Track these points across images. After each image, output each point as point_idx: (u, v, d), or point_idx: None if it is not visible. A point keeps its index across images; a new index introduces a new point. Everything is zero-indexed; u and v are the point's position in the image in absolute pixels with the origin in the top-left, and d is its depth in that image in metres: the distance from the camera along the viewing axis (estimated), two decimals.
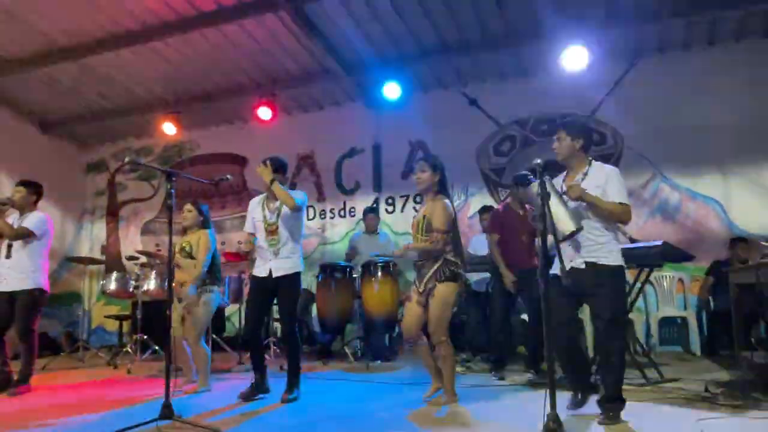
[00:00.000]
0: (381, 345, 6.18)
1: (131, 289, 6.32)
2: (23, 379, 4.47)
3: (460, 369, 4.99)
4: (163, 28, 6.35)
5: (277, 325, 5.99)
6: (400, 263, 6.07)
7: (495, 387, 4.25)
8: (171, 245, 3.32)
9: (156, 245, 8.76)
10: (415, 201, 7.76)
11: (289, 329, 4.00)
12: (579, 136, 3.21)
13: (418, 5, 6.05)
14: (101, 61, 7.07)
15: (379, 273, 5.77)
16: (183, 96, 8.10)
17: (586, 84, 6.91)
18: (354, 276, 6.05)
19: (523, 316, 5.78)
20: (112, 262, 9.01)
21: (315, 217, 8.29)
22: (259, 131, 8.27)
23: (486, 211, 6.17)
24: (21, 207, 4.69)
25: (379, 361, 5.82)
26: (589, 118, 7.01)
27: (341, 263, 6.24)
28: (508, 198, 4.99)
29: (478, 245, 6.14)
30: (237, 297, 6.46)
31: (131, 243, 9.14)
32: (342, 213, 8.24)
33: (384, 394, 4.14)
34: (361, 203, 7.93)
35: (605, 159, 6.78)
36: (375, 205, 7.77)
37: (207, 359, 4.42)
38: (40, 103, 8.33)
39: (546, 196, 2.81)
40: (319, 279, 6.09)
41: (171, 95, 8.10)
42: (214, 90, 7.94)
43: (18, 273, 4.53)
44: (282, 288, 4.01)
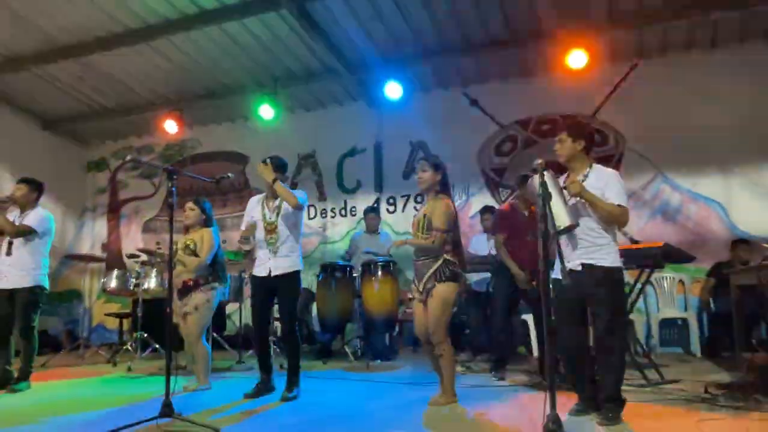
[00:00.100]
0: (381, 344, 6.18)
1: (132, 287, 6.33)
2: (23, 377, 4.47)
3: (460, 369, 5.00)
4: (165, 26, 6.37)
5: (277, 324, 5.99)
6: (400, 262, 6.07)
7: (495, 387, 4.24)
8: (171, 243, 3.32)
9: (157, 243, 8.72)
10: (416, 201, 7.76)
11: (289, 328, 4.00)
12: (580, 137, 3.22)
13: (420, 5, 6.05)
14: (103, 60, 7.08)
15: (380, 272, 5.76)
16: (185, 94, 8.11)
17: (587, 85, 6.92)
18: (354, 275, 6.05)
19: (523, 316, 5.78)
20: (112, 260, 9.02)
21: (316, 216, 8.30)
22: (261, 130, 8.28)
23: (487, 211, 6.16)
24: (22, 204, 4.69)
25: (379, 361, 5.82)
26: (591, 118, 7.01)
27: (340, 263, 6.23)
28: (513, 198, 4.97)
29: (478, 245, 6.15)
30: (237, 296, 6.47)
31: (132, 241, 9.16)
32: (343, 212, 8.24)
33: (384, 393, 4.13)
34: (363, 202, 7.93)
35: (607, 160, 6.83)
36: (376, 205, 7.77)
37: (207, 357, 4.42)
38: (42, 101, 8.35)
39: (547, 196, 2.80)
40: (320, 278, 6.09)
41: (173, 93, 8.10)
42: (215, 88, 7.95)
43: (18, 270, 4.54)
44: (281, 287, 4.02)
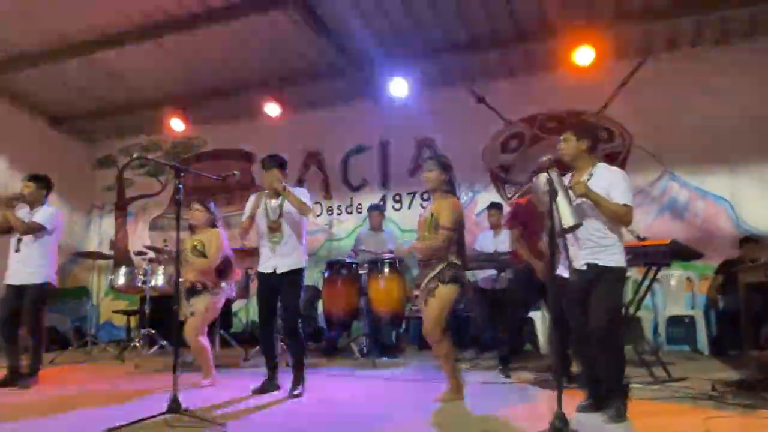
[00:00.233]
0: (387, 341, 6.19)
1: (139, 284, 6.36)
2: (32, 373, 4.51)
3: (466, 366, 4.99)
4: (172, 24, 6.37)
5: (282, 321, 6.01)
6: (406, 259, 6.06)
7: (501, 385, 4.24)
8: (179, 240, 3.33)
9: (164, 241, 8.76)
10: (422, 198, 7.74)
11: (293, 325, 4.01)
12: (585, 137, 3.22)
13: (426, 2, 6.03)
14: (110, 58, 7.11)
15: (386, 269, 5.77)
16: (191, 92, 8.13)
17: (594, 81, 6.87)
18: (360, 272, 6.05)
19: (529, 314, 5.75)
20: (120, 257, 9.07)
21: (322, 214, 8.30)
22: (267, 128, 8.29)
23: (494, 208, 6.15)
24: (31, 202, 4.72)
25: (386, 358, 5.81)
26: (598, 115, 6.98)
27: (347, 260, 6.24)
28: (528, 193, 4.94)
29: (484, 242, 6.14)
30: (243, 292, 6.49)
31: (139, 238, 9.18)
32: (349, 209, 8.25)
33: (390, 390, 4.14)
34: (368, 200, 7.92)
35: (614, 157, 6.80)
36: (381, 202, 7.76)
37: (206, 352, 4.43)
38: (50, 100, 8.39)
39: (554, 192, 2.80)
40: (326, 275, 6.10)
41: (179, 91, 8.12)
42: (221, 86, 7.95)
43: (27, 267, 4.57)
44: (285, 283, 4.02)
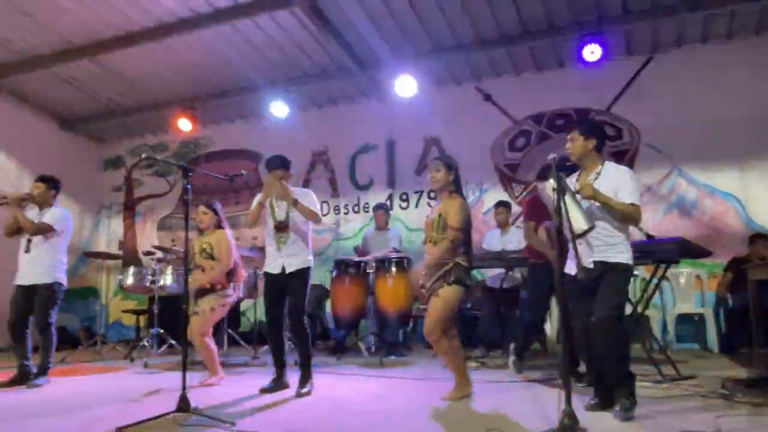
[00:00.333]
0: (395, 340, 6.18)
1: (148, 284, 6.39)
2: (42, 372, 4.55)
3: (474, 365, 4.99)
4: (179, 25, 6.41)
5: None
6: (414, 258, 6.06)
7: (509, 383, 4.23)
8: (187, 240, 3.35)
9: (172, 241, 8.84)
10: (429, 197, 7.74)
11: (300, 324, 4.01)
12: (592, 136, 3.21)
13: (432, 0, 6.03)
14: (118, 59, 7.16)
15: (394, 268, 5.77)
16: (198, 92, 8.17)
17: (602, 79, 6.86)
18: (368, 272, 6.04)
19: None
20: (129, 257, 9.13)
21: (329, 213, 8.32)
22: (274, 127, 8.31)
23: (501, 206, 6.13)
24: (40, 202, 4.76)
25: (393, 357, 5.82)
26: (605, 113, 6.95)
27: (355, 259, 6.24)
28: (533, 193, 4.92)
29: (491, 241, 6.11)
30: (251, 292, 6.50)
31: (148, 238, 9.25)
32: (356, 208, 8.26)
33: (397, 389, 4.14)
34: (375, 199, 7.91)
35: (621, 154, 6.78)
36: (387, 201, 7.77)
37: (211, 351, 4.47)
38: (59, 101, 8.46)
39: (562, 190, 2.79)
40: (333, 274, 6.11)
41: (187, 92, 8.16)
42: (229, 86, 8.00)
43: (37, 267, 4.60)
44: (292, 283, 4.03)
